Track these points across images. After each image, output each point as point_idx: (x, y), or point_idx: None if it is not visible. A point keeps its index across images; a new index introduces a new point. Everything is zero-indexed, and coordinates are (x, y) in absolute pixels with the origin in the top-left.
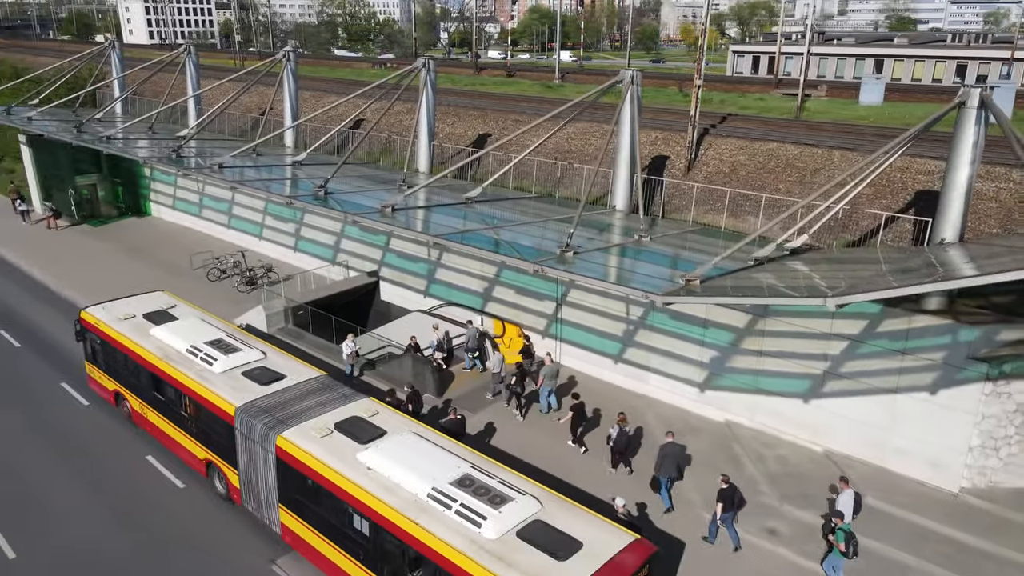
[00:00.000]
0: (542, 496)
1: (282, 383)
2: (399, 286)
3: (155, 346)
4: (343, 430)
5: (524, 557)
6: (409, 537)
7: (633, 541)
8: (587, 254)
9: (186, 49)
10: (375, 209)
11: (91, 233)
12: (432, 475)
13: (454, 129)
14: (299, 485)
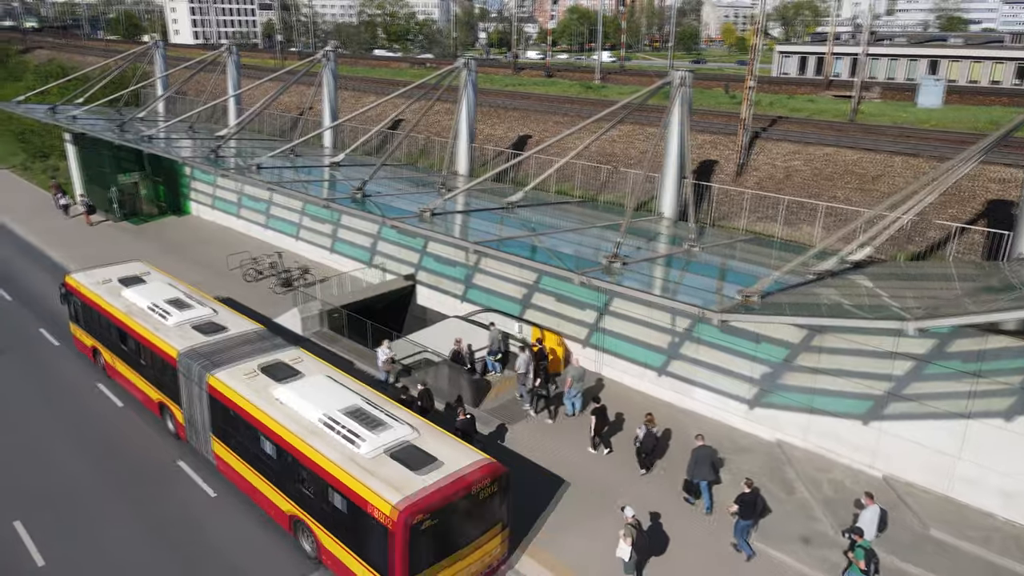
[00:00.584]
0: (419, 425)
1: (224, 334)
2: (436, 290)
3: (123, 305)
4: (265, 371)
5: (387, 470)
6: (302, 456)
7: (484, 462)
8: (635, 265)
9: (227, 49)
10: (413, 213)
11: (131, 231)
12: (327, 406)
13: (494, 130)
14: (225, 417)
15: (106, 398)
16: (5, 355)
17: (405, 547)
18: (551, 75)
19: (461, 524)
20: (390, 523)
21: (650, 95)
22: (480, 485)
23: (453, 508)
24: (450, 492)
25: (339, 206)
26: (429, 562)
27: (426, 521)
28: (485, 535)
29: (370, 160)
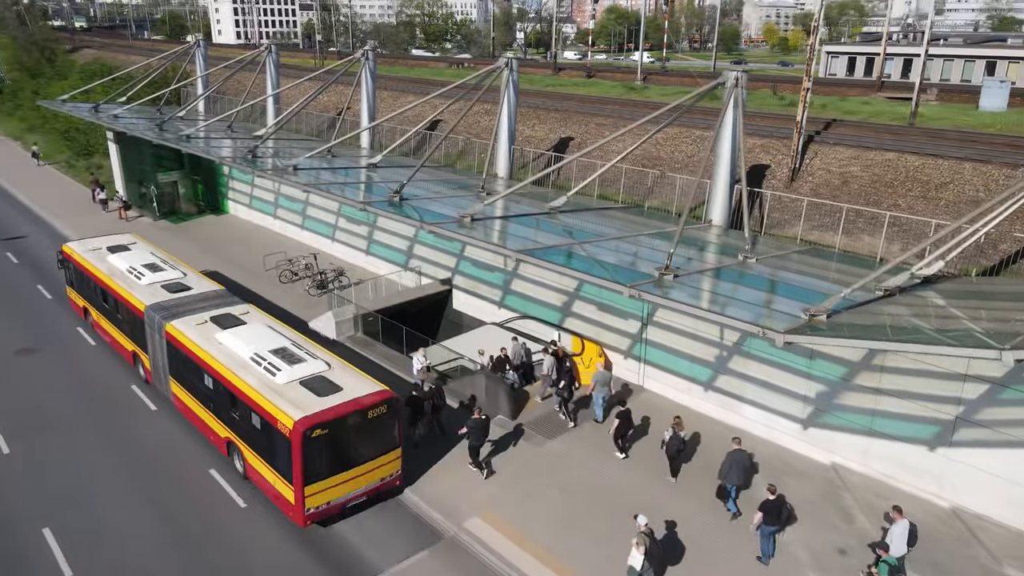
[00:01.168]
0: (334, 363)
1: (187, 292)
2: (473, 295)
3: (106, 268)
4: (214, 320)
5: (296, 394)
6: (233, 386)
7: (378, 389)
8: (687, 277)
9: (267, 48)
10: (453, 218)
11: (169, 230)
12: (258, 346)
13: (534, 132)
14: (179, 360)
15: (141, 401)
16: (40, 353)
17: (302, 454)
18: (591, 75)
19: (354, 440)
20: (290, 433)
21: (701, 96)
22: (372, 408)
23: (345, 424)
24: (343, 411)
25: (376, 210)
26: (324, 470)
27: (317, 430)
28: (379, 455)
29: (408, 161)
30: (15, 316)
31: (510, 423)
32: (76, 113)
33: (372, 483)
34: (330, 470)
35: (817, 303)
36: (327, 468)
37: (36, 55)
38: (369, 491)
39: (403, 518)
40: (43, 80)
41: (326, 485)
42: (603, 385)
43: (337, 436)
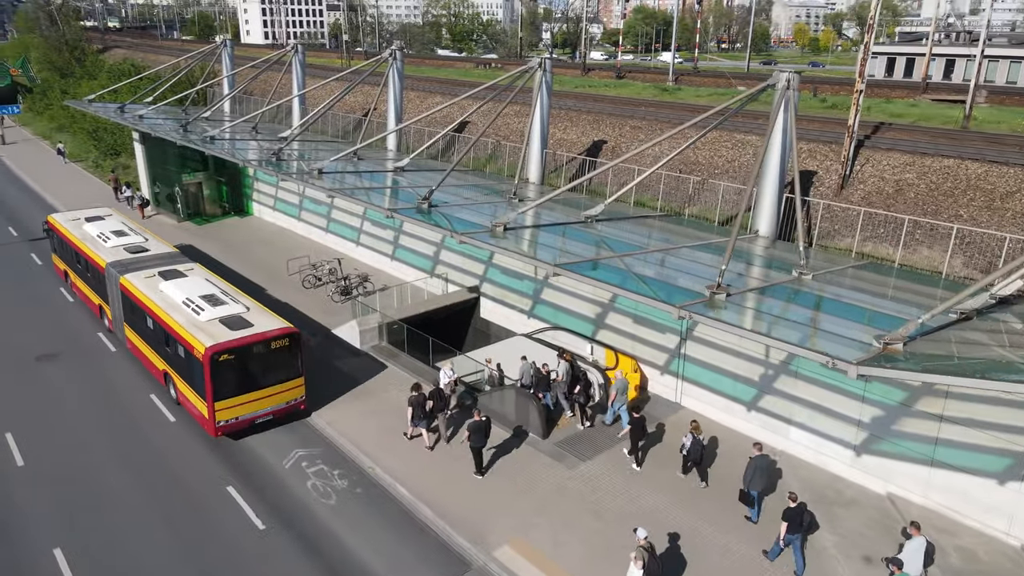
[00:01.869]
0: (252, 307)
1: (145, 253)
2: (501, 304)
3: (81, 234)
4: (161, 274)
5: (213, 328)
6: (166, 324)
7: (282, 325)
8: (740, 296)
9: (294, 48)
10: (485, 227)
11: (193, 231)
12: (190, 292)
13: (566, 135)
14: (130, 307)
15: (158, 409)
16: (60, 359)
17: (211, 375)
18: (621, 76)
19: (258, 366)
20: (202, 357)
21: (750, 99)
22: (275, 340)
23: (250, 352)
24: (248, 340)
25: (404, 217)
26: (232, 390)
27: (225, 355)
28: (283, 381)
29: (435, 164)
30: (38, 319)
31: (542, 442)
32: (102, 113)
33: (277, 405)
34: (237, 390)
35: (888, 328)
36: (234, 388)
37: (66, 55)
38: (275, 411)
39: (428, 543)
40: (72, 80)
41: (234, 403)
42: (623, 393)
43: (243, 361)
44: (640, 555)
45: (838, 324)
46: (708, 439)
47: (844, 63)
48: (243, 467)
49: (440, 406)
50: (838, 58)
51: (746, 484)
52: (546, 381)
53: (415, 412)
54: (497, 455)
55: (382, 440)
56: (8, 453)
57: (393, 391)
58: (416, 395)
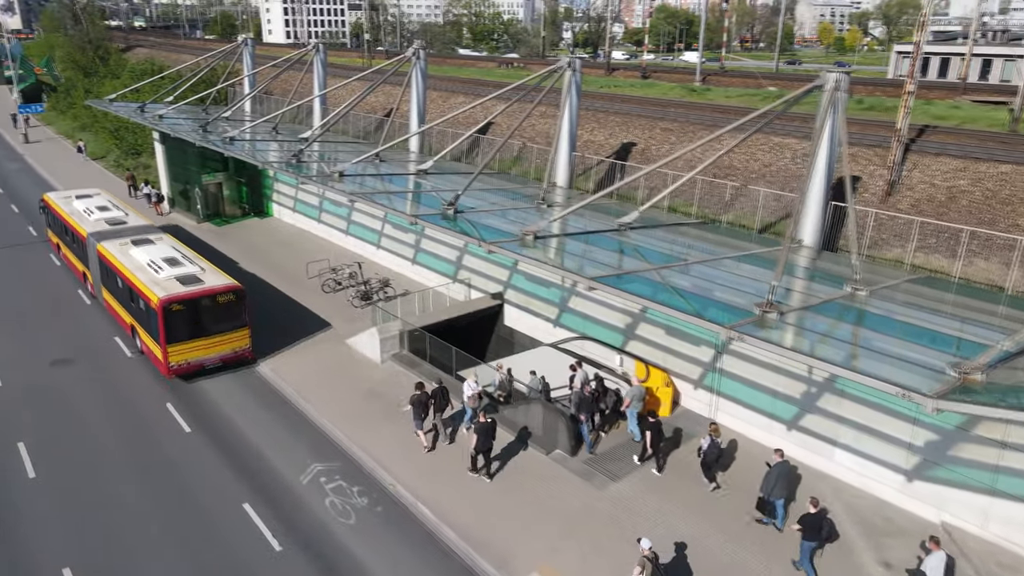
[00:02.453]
0: (207, 267)
1: (122, 225)
2: (526, 312)
3: (70, 210)
4: (132, 242)
5: (170, 284)
6: (131, 282)
7: (229, 281)
8: (794, 314)
9: (315, 47)
10: (513, 235)
11: (212, 232)
12: (154, 256)
13: (593, 136)
14: (104, 269)
15: (172, 418)
16: (75, 365)
17: (163, 321)
18: (647, 76)
19: (206, 316)
20: (156, 307)
21: (796, 101)
22: (221, 294)
23: (199, 304)
24: (197, 294)
25: (429, 223)
26: (183, 336)
27: (176, 305)
28: (229, 331)
29: (459, 167)
30: (53, 323)
31: (570, 459)
32: (123, 113)
33: (224, 352)
34: (187, 336)
35: (958, 351)
36: (184, 335)
37: (90, 54)
38: (223, 358)
39: (452, 568)
40: (96, 79)
41: (184, 348)
42: (639, 400)
43: (192, 312)
44: (643, 565)
45: (903, 347)
46: (738, 452)
47: (869, 63)
48: (259, 481)
49: (441, 405)
50: (864, 58)
51: (767, 492)
52: (588, 402)
53: (415, 412)
54: (523, 473)
55: (401, 453)
56: (20, 464)
57: None
58: (419, 394)
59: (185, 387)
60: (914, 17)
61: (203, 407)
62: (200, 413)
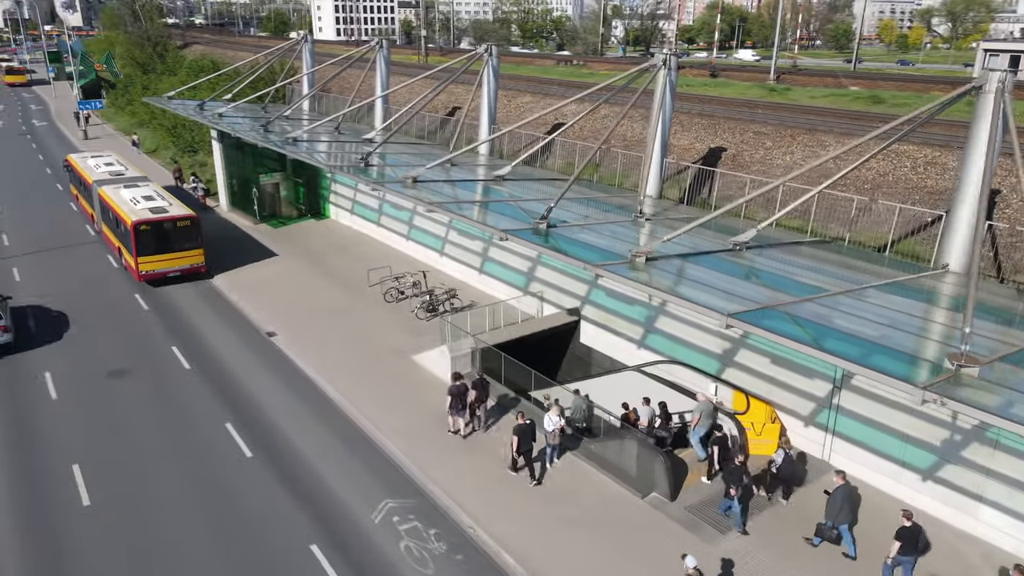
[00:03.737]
0: (174, 203)
1: (121, 176)
2: (606, 330)
3: (84, 166)
4: (123, 186)
5: (143, 212)
6: (118, 214)
7: (187, 211)
8: (990, 365)
9: (378, 43)
10: (619, 256)
11: (269, 234)
12: (137, 196)
13: (677, 140)
14: (103, 208)
15: (233, 442)
16: (133, 375)
17: (135, 238)
18: (715, 75)
19: (169, 237)
20: (130, 227)
21: (951, 103)
22: (180, 220)
23: (162, 226)
24: (161, 219)
25: (521, 240)
26: (150, 251)
27: (144, 226)
28: (186, 249)
29: (536, 172)
30: (111, 329)
31: (669, 505)
32: (181, 111)
33: (183, 265)
34: (153, 251)
35: None
36: (151, 250)
37: (148, 50)
38: (182, 270)
39: None
40: (154, 75)
41: (151, 260)
42: (707, 417)
43: (157, 232)
44: None
45: None
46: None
47: (934, 60)
48: (328, 519)
49: (482, 396)
50: (928, 56)
51: (833, 518)
52: (739, 474)
53: (454, 402)
54: (618, 520)
55: (481, 489)
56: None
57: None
58: (457, 384)
59: (246, 407)
60: (981, 15)
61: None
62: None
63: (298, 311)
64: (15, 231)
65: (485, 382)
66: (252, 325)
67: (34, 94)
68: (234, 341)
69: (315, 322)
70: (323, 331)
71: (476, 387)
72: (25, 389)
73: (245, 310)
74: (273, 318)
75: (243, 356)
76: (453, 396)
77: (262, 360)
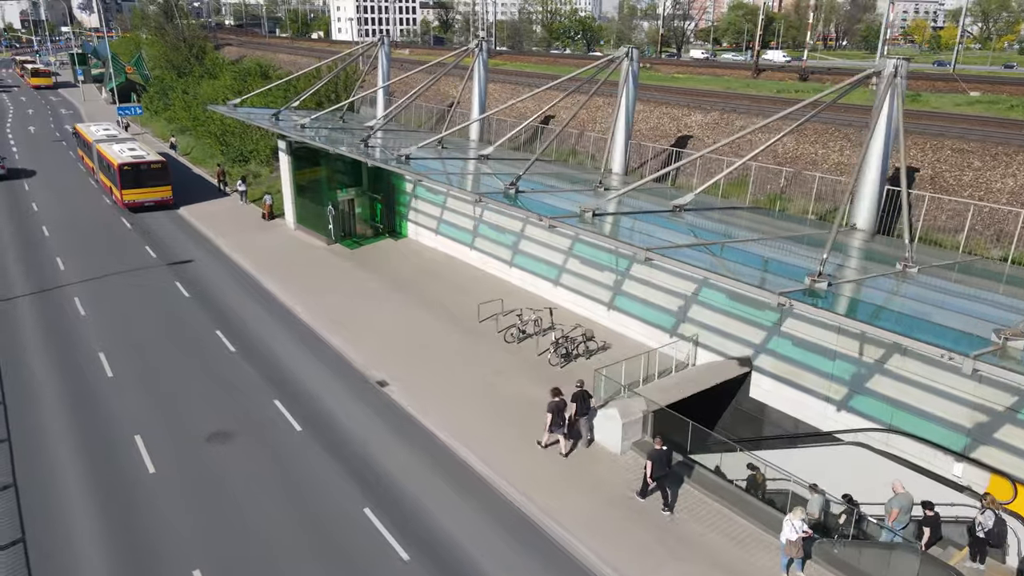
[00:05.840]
0: (150, 151)
1: (113, 137)
2: (788, 385)
3: (88, 132)
4: (114, 143)
5: (125, 158)
6: (108, 160)
7: (160, 158)
8: None
9: (478, 45)
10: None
11: (349, 257)
12: (123, 147)
13: (850, 159)
14: (102, 160)
15: (377, 532)
16: (237, 440)
17: (120, 176)
18: (805, 78)
19: (146, 175)
20: (115, 168)
21: None
22: (153, 163)
23: (138, 167)
24: (139, 162)
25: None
26: (131, 185)
27: (126, 167)
28: (158, 185)
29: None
30: (203, 380)
31: None
32: (256, 121)
33: (155, 197)
34: (133, 186)
35: None
36: (131, 184)
37: (184, 52)
38: (154, 201)
39: None
40: (192, 79)
41: (132, 192)
42: (905, 512)
43: (135, 171)
44: None
45: None
46: None
47: (971, 61)
48: None
49: (584, 409)
50: (967, 57)
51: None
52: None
53: (555, 419)
54: None
55: None
56: None
57: (697, 526)
58: (557, 400)
59: (383, 487)
60: (1016, 15)
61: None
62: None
63: (405, 351)
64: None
65: (586, 394)
66: (357, 372)
67: (61, 97)
68: (342, 394)
69: (429, 366)
70: (441, 378)
71: (576, 399)
72: None
73: (344, 351)
74: (380, 361)
75: (356, 413)
76: (553, 413)
77: (380, 419)
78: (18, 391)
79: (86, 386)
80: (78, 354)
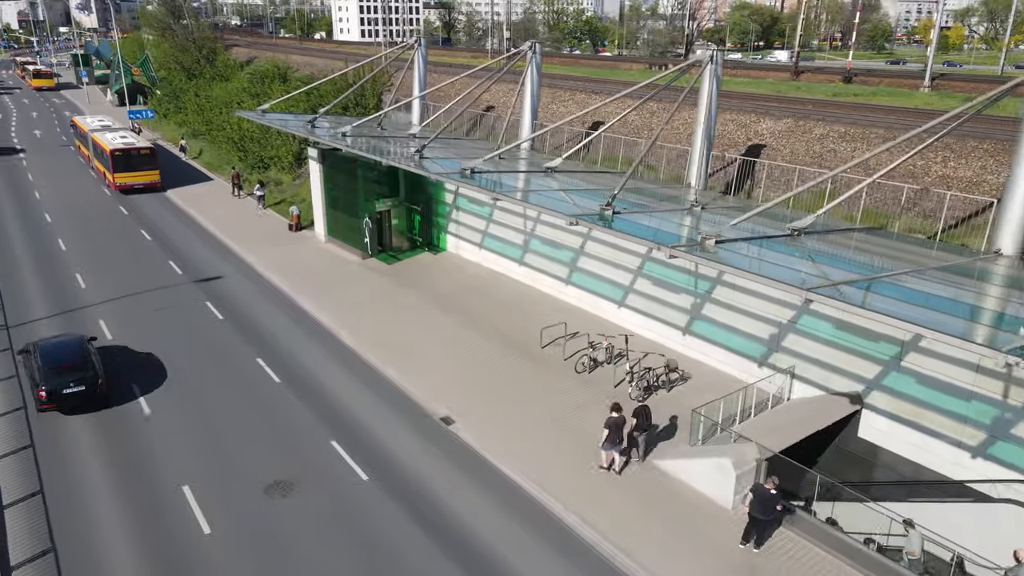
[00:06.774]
0: (139, 139)
1: (107, 127)
2: (909, 426)
3: (84, 123)
4: (107, 132)
5: (119, 144)
6: (102, 147)
7: (149, 145)
8: None
9: (531, 47)
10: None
11: (387, 273)
12: (116, 135)
13: (955, 172)
14: (96, 148)
15: None
16: (299, 491)
17: (112, 160)
18: (850, 80)
19: (136, 160)
20: (108, 153)
21: None
22: (142, 150)
23: (130, 153)
24: (129, 148)
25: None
26: (122, 169)
27: (118, 152)
28: (147, 170)
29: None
30: (254, 423)
31: None
32: (291, 128)
33: (144, 181)
34: (124, 170)
35: None
36: (123, 168)
37: (194, 54)
38: (144, 184)
39: None
40: (202, 81)
41: (123, 176)
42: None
43: (126, 156)
44: None
45: None
46: None
47: (981, 62)
48: None
49: (643, 425)
50: (977, 57)
51: None
52: None
53: (612, 435)
54: None
55: None
56: None
57: None
58: (616, 416)
59: (462, 547)
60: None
61: None
62: None
63: (466, 382)
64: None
65: (647, 410)
66: (417, 406)
67: (64, 99)
68: (402, 432)
69: (493, 399)
70: (511, 414)
71: (637, 415)
72: None
73: (399, 381)
74: (440, 394)
75: (422, 454)
76: (611, 429)
77: (448, 460)
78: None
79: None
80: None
